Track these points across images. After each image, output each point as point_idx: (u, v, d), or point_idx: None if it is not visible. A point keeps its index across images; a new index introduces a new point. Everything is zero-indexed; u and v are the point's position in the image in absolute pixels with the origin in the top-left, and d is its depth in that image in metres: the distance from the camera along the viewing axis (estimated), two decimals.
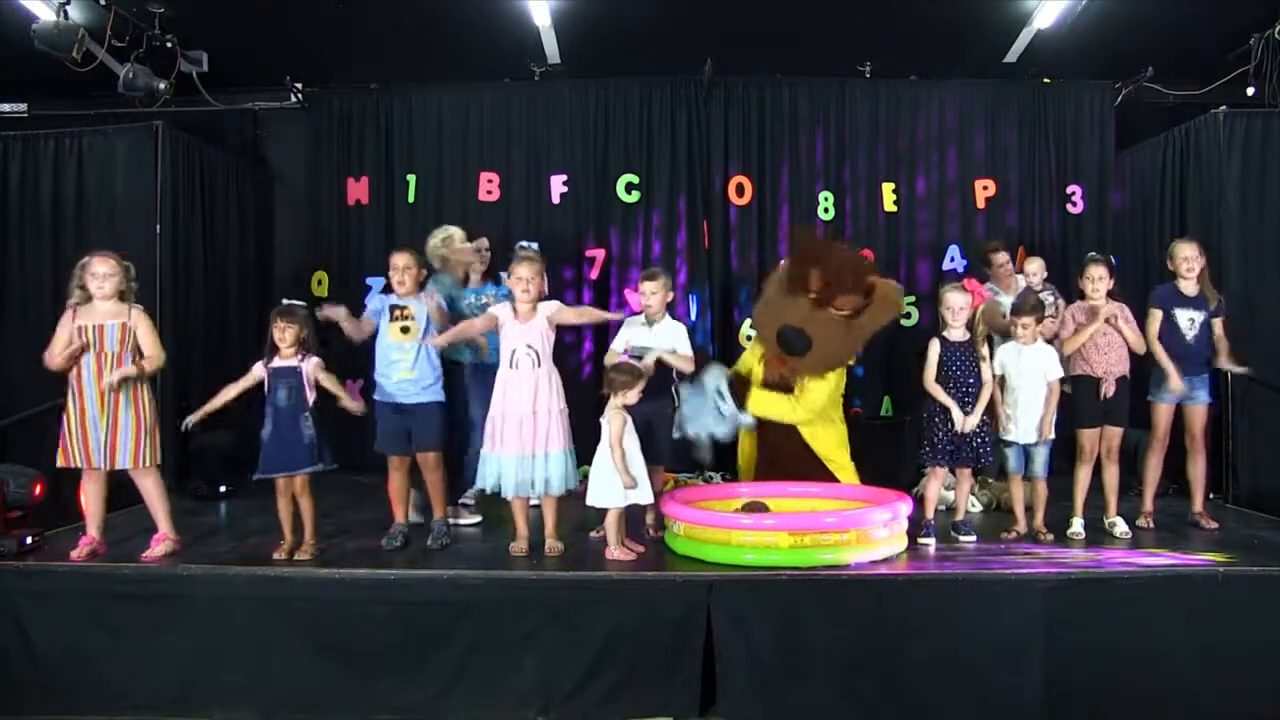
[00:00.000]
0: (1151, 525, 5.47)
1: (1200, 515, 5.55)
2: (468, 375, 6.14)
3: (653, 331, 5.30)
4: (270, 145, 8.51)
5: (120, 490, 4.96)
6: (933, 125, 8.03)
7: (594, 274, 7.93)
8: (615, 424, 4.63)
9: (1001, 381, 5.26)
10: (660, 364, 5.14)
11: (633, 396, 4.69)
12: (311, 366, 4.78)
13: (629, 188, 7.96)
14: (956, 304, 5.21)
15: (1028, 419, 5.23)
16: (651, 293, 5.28)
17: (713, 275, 7.96)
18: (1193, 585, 4.43)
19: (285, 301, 4.96)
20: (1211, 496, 5.93)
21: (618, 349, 5.32)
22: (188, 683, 4.42)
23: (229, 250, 7.92)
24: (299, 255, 8.36)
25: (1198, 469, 5.62)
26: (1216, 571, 4.50)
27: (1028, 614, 4.28)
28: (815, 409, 5.43)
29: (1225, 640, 4.30)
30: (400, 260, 5.14)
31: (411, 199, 8.12)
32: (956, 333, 5.23)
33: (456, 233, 6.13)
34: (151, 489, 4.87)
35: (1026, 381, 5.22)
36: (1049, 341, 5.92)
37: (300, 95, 8.20)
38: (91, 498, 4.82)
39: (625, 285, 7.93)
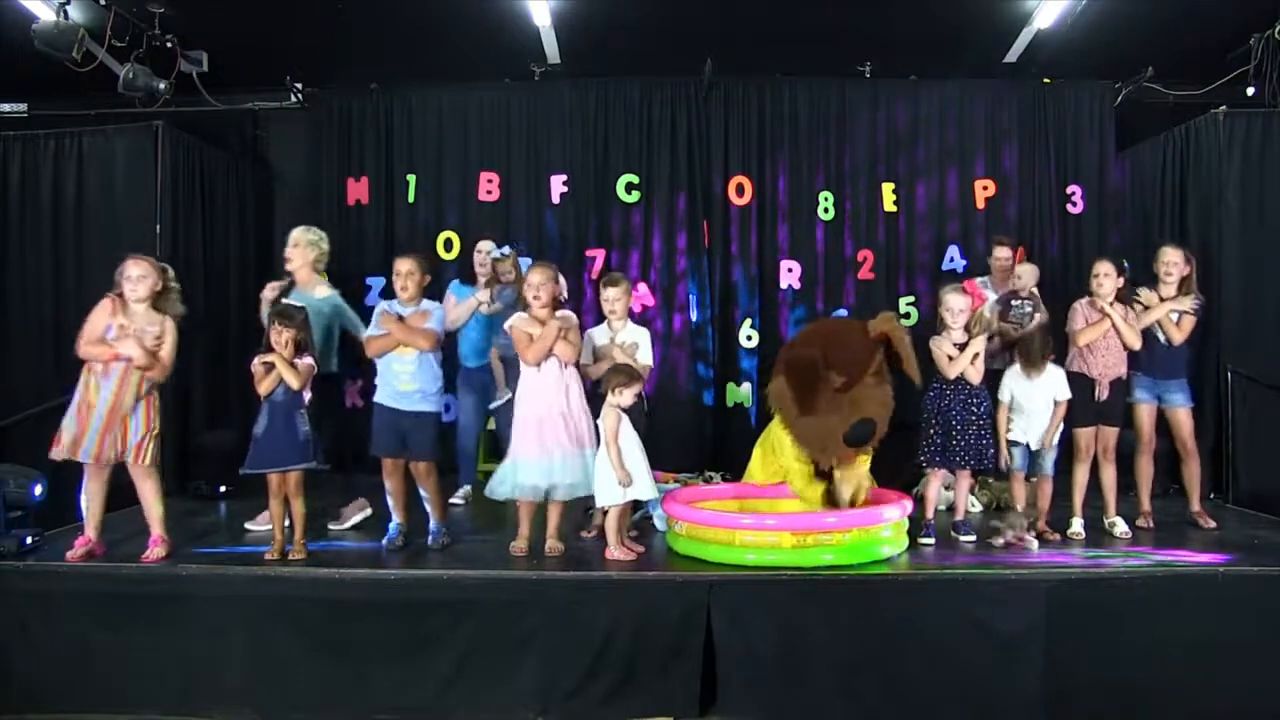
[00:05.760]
0: (1151, 525, 5.48)
1: (1198, 514, 5.57)
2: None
3: (616, 337, 5.28)
4: (270, 145, 8.47)
5: (118, 491, 4.95)
6: (932, 125, 8.02)
7: (594, 274, 7.88)
8: (610, 421, 4.65)
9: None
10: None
11: (629, 396, 4.70)
12: (303, 365, 4.77)
13: (629, 188, 7.95)
14: (956, 306, 5.22)
15: (1037, 430, 5.25)
16: (615, 299, 5.23)
17: (713, 275, 7.95)
18: (1193, 585, 4.44)
19: (283, 302, 4.94)
20: (1212, 496, 5.93)
21: (588, 358, 5.22)
22: (188, 683, 4.43)
23: (229, 250, 7.89)
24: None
25: (1191, 472, 5.66)
26: (1216, 571, 4.51)
27: (1028, 614, 4.29)
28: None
29: (1225, 640, 4.31)
30: (404, 266, 5.07)
31: (411, 199, 8.11)
32: (956, 334, 5.23)
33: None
34: (150, 491, 4.86)
35: (1037, 405, 5.23)
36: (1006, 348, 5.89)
37: (300, 95, 8.18)
38: (92, 497, 4.81)
39: None
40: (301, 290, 5.55)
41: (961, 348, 5.20)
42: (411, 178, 8.12)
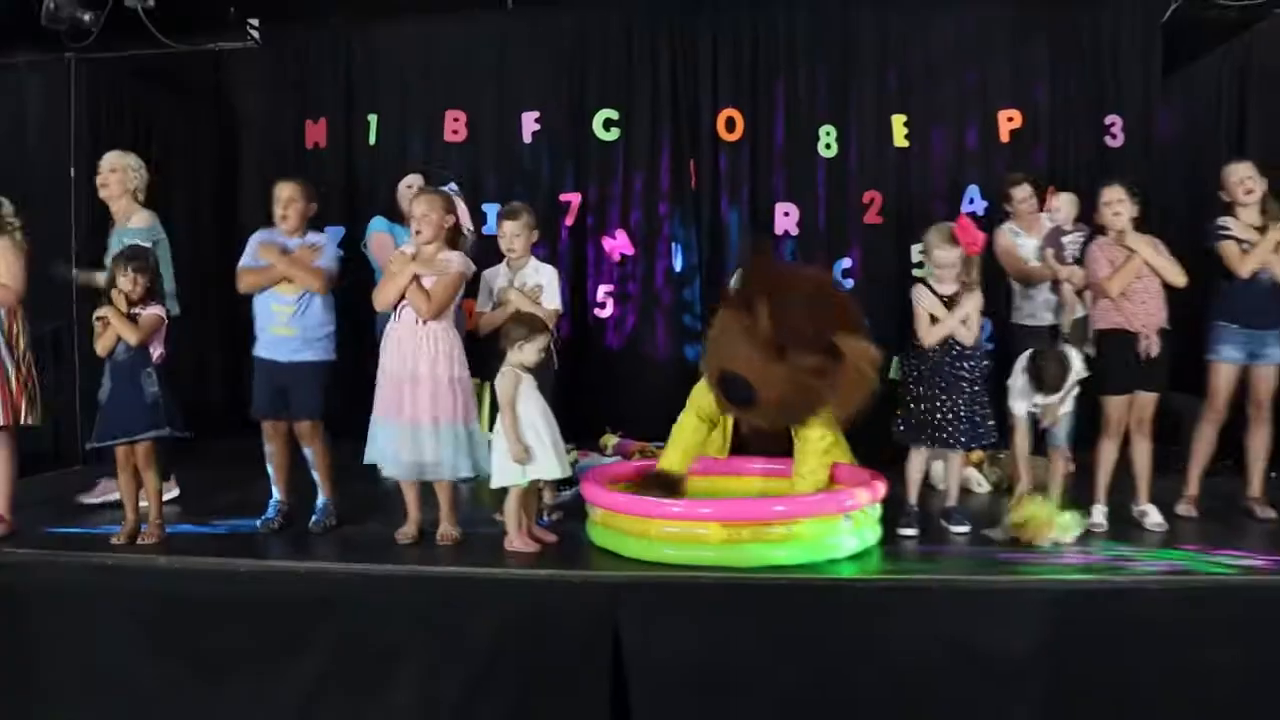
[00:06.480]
0: (1195, 513, 4.55)
1: (1255, 501, 4.61)
2: None
3: (516, 279, 4.64)
4: (234, 89, 7.89)
5: None
6: (950, 48, 7.08)
7: (569, 220, 7.23)
8: (507, 384, 3.89)
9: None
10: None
11: (531, 352, 3.91)
12: (147, 316, 4.07)
13: (607, 124, 7.22)
14: (944, 261, 4.32)
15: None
16: (514, 234, 4.63)
17: (700, 220, 7.22)
18: (1244, 599, 3.52)
19: (129, 243, 4.27)
20: (1274, 475, 4.94)
21: (485, 306, 4.62)
22: (7, 683, 3.79)
23: (177, 200, 7.21)
24: (256, 203, 7.64)
25: (1259, 442, 4.69)
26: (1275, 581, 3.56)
27: (1026, 635, 3.42)
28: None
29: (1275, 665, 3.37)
30: (284, 192, 4.47)
31: (373, 141, 7.51)
32: (945, 286, 4.36)
33: None
34: (1, 460, 4.31)
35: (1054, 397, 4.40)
36: (1080, 292, 5.08)
37: (256, 33, 7.52)
38: None
39: (603, 233, 7.23)
40: (121, 223, 4.93)
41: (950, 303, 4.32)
42: (373, 118, 7.49)
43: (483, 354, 4.79)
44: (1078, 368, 4.27)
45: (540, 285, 4.53)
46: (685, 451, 4.25)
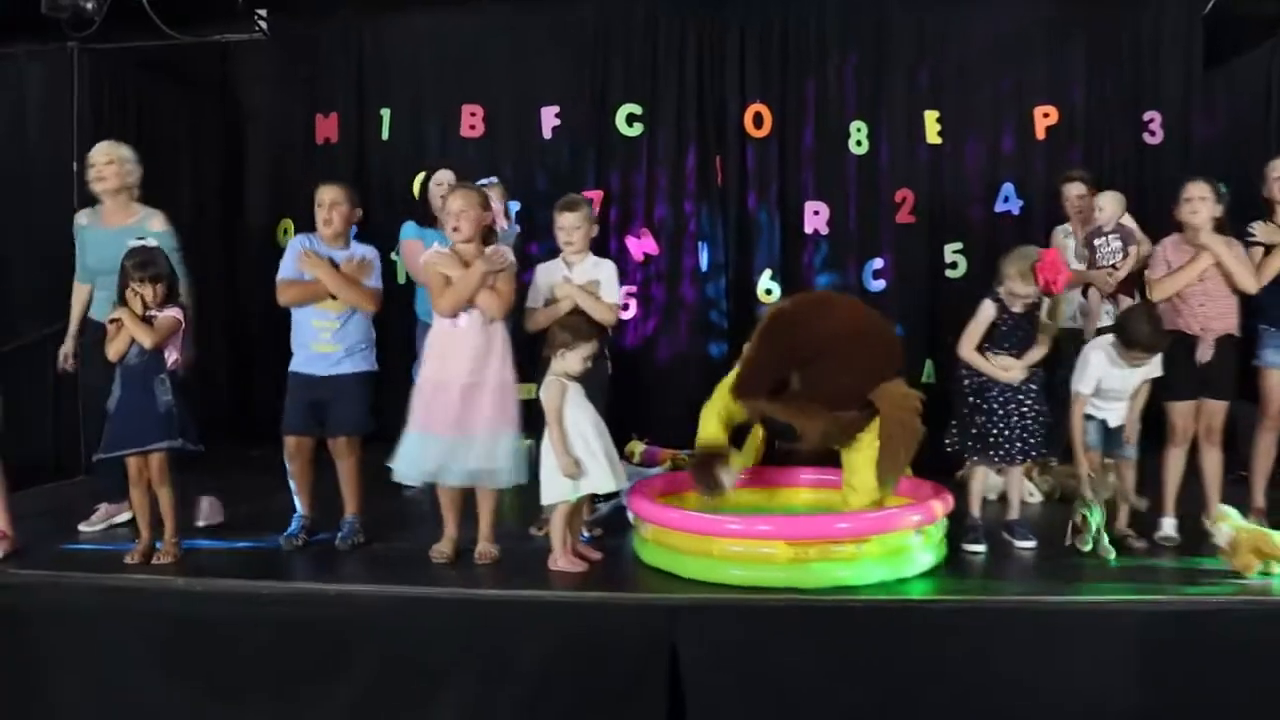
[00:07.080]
0: (1264, 525, 4.29)
1: None
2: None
3: (573, 274, 4.36)
4: (241, 82, 7.62)
5: None
6: (985, 42, 6.87)
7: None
8: (552, 394, 3.64)
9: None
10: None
11: (576, 360, 3.67)
12: (163, 319, 3.82)
13: (630, 119, 6.99)
14: (1020, 293, 4.06)
15: (1118, 409, 4.19)
16: (573, 226, 4.34)
17: (727, 218, 7.00)
18: None
19: (135, 243, 3.98)
20: None
21: (537, 303, 4.34)
22: (15, 712, 3.55)
23: (182, 195, 6.92)
24: (264, 201, 7.50)
25: None
26: None
27: (1109, 658, 3.19)
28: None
29: None
30: (327, 195, 4.17)
31: (386, 136, 7.29)
32: (1016, 307, 4.12)
33: None
34: None
35: (1127, 392, 4.19)
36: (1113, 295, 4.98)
37: (264, 24, 7.23)
38: None
39: (626, 231, 7.01)
40: (123, 222, 4.55)
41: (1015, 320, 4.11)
42: (385, 112, 7.27)
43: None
44: (1155, 364, 4.07)
45: (598, 281, 4.28)
46: (720, 418, 4.05)
